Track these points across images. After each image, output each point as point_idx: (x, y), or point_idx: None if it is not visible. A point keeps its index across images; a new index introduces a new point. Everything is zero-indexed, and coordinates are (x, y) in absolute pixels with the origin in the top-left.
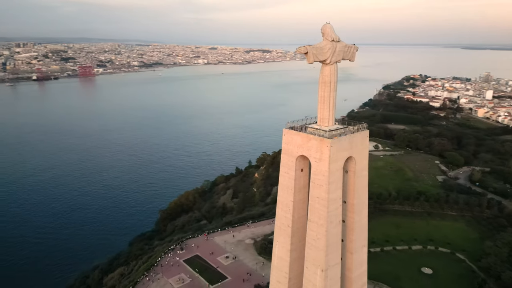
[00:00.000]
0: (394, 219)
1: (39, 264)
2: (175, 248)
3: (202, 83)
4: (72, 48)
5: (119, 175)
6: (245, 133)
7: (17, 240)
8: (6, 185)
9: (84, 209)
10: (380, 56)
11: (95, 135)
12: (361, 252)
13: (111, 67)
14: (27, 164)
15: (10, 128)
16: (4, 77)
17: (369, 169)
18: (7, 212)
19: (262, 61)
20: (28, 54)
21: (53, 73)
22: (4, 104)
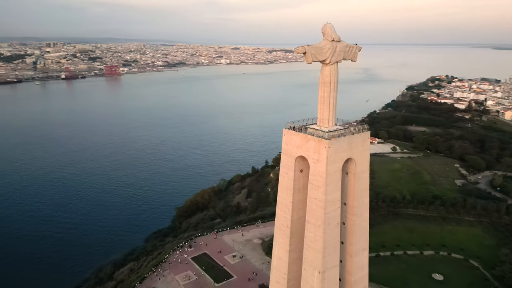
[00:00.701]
0: (407, 223)
1: (59, 258)
2: (183, 245)
3: (223, 83)
4: (100, 48)
5: (139, 172)
6: (264, 133)
7: (40, 234)
8: (30, 180)
9: (103, 206)
10: (406, 56)
11: (118, 133)
12: (361, 256)
13: (136, 67)
14: (51, 160)
15: (37, 124)
16: (35, 75)
17: (385, 171)
18: (31, 207)
19: (284, 61)
20: (57, 54)
21: (80, 72)
22: (32, 101)
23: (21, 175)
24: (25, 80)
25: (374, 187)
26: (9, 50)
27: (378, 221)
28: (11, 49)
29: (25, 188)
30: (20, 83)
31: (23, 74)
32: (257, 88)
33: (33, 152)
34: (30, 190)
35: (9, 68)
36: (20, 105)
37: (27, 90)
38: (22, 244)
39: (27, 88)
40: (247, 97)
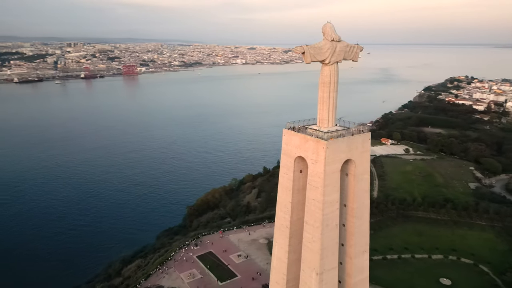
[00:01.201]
0: (417, 226)
1: (73, 254)
2: (190, 243)
3: (238, 83)
4: (118, 48)
5: (152, 171)
6: (278, 133)
7: (54, 231)
8: (47, 177)
9: (117, 204)
10: (427, 57)
11: (133, 131)
12: (361, 258)
13: (153, 66)
14: (68, 158)
15: (56, 122)
16: (55, 74)
17: (397, 173)
18: (47, 203)
19: (300, 61)
20: (78, 54)
21: (99, 72)
22: (51, 100)
23: (39, 171)
24: (45, 79)
25: (384, 189)
26: (31, 50)
27: (387, 223)
28: (33, 48)
29: (42, 185)
30: (41, 82)
31: (44, 73)
32: (272, 88)
33: (52, 150)
34: (46, 187)
35: (31, 67)
36: (40, 104)
37: (47, 89)
38: (37, 240)
39: (47, 87)
40: (261, 97)
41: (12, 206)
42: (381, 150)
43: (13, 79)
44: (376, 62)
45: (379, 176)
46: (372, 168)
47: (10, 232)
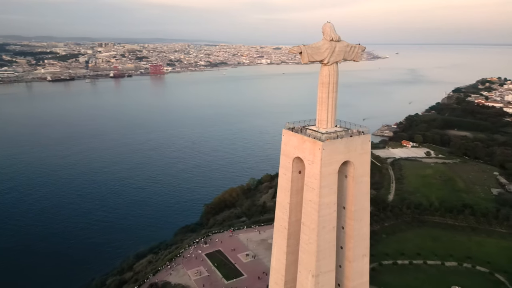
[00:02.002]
0: (432, 232)
1: (93, 249)
2: (199, 241)
3: (262, 83)
4: (147, 48)
5: (173, 169)
6: None
7: (78, 226)
8: (73, 173)
9: (138, 201)
10: (459, 57)
11: (157, 130)
12: (361, 262)
13: (179, 66)
14: (94, 155)
15: (84, 120)
16: (86, 74)
17: (415, 177)
18: (72, 199)
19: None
20: (108, 53)
21: (128, 71)
22: (82, 98)
23: (65, 167)
24: (77, 78)
25: (401, 192)
26: (64, 50)
27: (401, 227)
28: (67, 48)
29: (68, 181)
30: (72, 81)
31: (76, 72)
32: (295, 88)
33: (77, 146)
34: (72, 184)
35: (63, 66)
36: (69, 101)
37: (78, 87)
38: (61, 235)
39: (78, 86)
40: (284, 97)
41: (40, 202)
42: (401, 153)
43: (47, 78)
44: (404, 62)
45: (396, 179)
46: (390, 171)
47: (37, 227)
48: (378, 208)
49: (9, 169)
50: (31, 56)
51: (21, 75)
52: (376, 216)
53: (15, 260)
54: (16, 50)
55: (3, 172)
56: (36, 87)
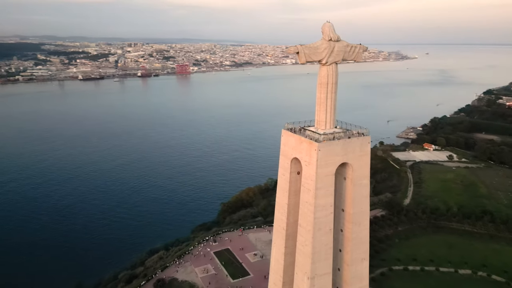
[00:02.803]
0: (448, 238)
1: (113, 244)
2: (209, 239)
3: (286, 83)
4: (174, 48)
5: (193, 167)
6: None
7: (101, 222)
8: (98, 170)
9: (158, 198)
10: (493, 58)
11: (179, 129)
12: (360, 266)
13: (205, 66)
14: (119, 153)
15: (111, 118)
16: (115, 73)
17: (435, 181)
18: (95, 195)
19: (352, 61)
20: (136, 53)
21: (155, 70)
22: (110, 96)
23: (91, 164)
24: (106, 77)
25: (418, 196)
26: (95, 50)
27: (415, 232)
28: (98, 48)
29: (93, 177)
30: (102, 80)
31: (106, 71)
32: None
33: (106, 143)
34: (97, 180)
35: (94, 65)
36: (99, 100)
37: (107, 86)
38: (82, 231)
39: (107, 85)
40: (307, 97)
41: (65, 198)
42: (422, 156)
43: (78, 77)
44: (434, 63)
45: (414, 183)
46: (408, 174)
47: (61, 222)
48: (392, 212)
49: (40, 165)
50: (64, 56)
51: (54, 74)
52: (390, 220)
53: (39, 252)
54: (51, 49)
55: (34, 167)
56: (68, 86)
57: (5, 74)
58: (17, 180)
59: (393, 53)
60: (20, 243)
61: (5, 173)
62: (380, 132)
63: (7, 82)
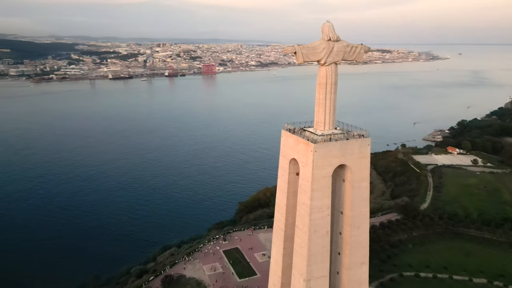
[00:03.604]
0: (466, 245)
1: (131, 240)
2: (219, 238)
3: (310, 83)
4: (201, 48)
5: (215, 166)
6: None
7: (122, 219)
8: (122, 167)
9: (178, 197)
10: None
11: (199, 128)
12: (359, 270)
13: (230, 66)
14: (141, 152)
15: (136, 116)
16: (143, 72)
17: (456, 186)
18: (117, 192)
19: (380, 62)
20: (164, 53)
21: (181, 70)
22: (138, 95)
23: (116, 161)
24: (135, 76)
25: (437, 201)
26: (126, 50)
27: (430, 238)
28: (128, 48)
29: (117, 174)
30: (131, 79)
31: (134, 71)
32: (344, 89)
33: (130, 141)
34: (122, 177)
35: (124, 65)
36: (127, 98)
37: (135, 85)
38: (104, 227)
39: (135, 84)
40: None
41: (90, 195)
42: (445, 160)
43: (108, 76)
44: (467, 64)
45: (434, 187)
46: (428, 178)
47: (84, 218)
48: (408, 216)
49: (70, 161)
50: (96, 55)
51: (86, 73)
52: (404, 224)
53: (64, 244)
54: (84, 49)
55: (65, 164)
56: (98, 84)
57: (40, 73)
58: (46, 176)
59: (424, 54)
60: (47, 235)
61: (36, 168)
62: (406, 134)
63: (42, 81)
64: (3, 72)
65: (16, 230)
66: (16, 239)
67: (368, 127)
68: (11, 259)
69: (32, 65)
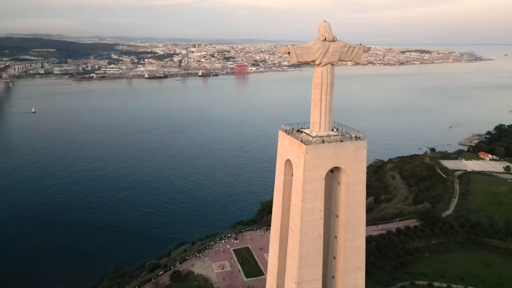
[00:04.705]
0: (487, 256)
1: (155, 236)
2: (231, 236)
3: (341, 84)
4: (235, 48)
5: (239, 165)
6: (372, 138)
7: (152, 217)
8: (148, 167)
9: (202, 194)
10: None
11: (228, 127)
12: (354, 275)
13: (263, 66)
14: (170, 151)
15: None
16: (178, 72)
17: (484, 193)
18: (144, 190)
19: (418, 63)
20: (199, 54)
21: (214, 70)
22: (171, 94)
23: (145, 158)
24: (170, 76)
25: (461, 209)
26: (162, 50)
27: (449, 247)
28: (164, 48)
29: (146, 172)
30: (165, 78)
31: (170, 70)
32: (376, 91)
33: (160, 138)
34: (150, 175)
35: (159, 65)
36: (159, 97)
37: (169, 84)
38: (133, 223)
39: (169, 83)
40: (362, 99)
41: (121, 192)
42: (475, 166)
43: (144, 75)
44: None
45: (460, 194)
46: (455, 185)
47: (110, 213)
48: (427, 223)
49: (104, 158)
50: (134, 55)
51: (124, 72)
52: (422, 232)
53: (89, 239)
54: (123, 49)
55: (100, 160)
56: (135, 83)
57: (82, 72)
58: (82, 172)
59: (466, 54)
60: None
61: (75, 164)
62: (441, 138)
63: (83, 79)
64: (48, 71)
65: (50, 222)
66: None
67: (400, 129)
68: (45, 249)
69: (75, 64)
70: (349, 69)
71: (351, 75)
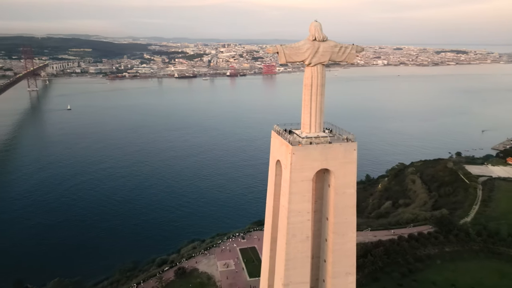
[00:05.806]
0: (504, 266)
1: (170, 232)
2: (238, 235)
3: (372, 85)
4: (263, 48)
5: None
6: (401, 141)
7: (171, 216)
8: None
9: (221, 194)
10: None
11: (250, 126)
12: (344, 280)
13: (291, 67)
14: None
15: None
16: (207, 72)
17: (508, 201)
18: (160, 188)
19: (453, 63)
20: (228, 54)
21: (243, 70)
22: (199, 93)
23: (169, 157)
24: (199, 75)
25: (480, 216)
26: (193, 50)
27: (463, 256)
28: (195, 49)
29: (168, 171)
30: (194, 78)
31: (199, 70)
32: (407, 93)
33: (186, 137)
34: (174, 174)
35: (189, 65)
36: (187, 95)
37: (197, 84)
38: (148, 221)
39: (197, 83)
40: (391, 101)
41: (144, 191)
42: (501, 172)
43: (174, 74)
44: None
45: (482, 201)
46: (478, 191)
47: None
48: (442, 230)
49: (132, 156)
50: (166, 55)
51: (155, 71)
52: (436, 239)
53: (112, 235)
54: (156, 49)
55: (128, 158)
56: (165, 83)
57: (115, 71)
58: (110, 169)
59: (505, 55)
60: (102, 224)
61: (104, 161)
62: (474, 142)
63: (116, 78)
64: (84, 70)
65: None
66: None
67: (431, 133)
68: (72, 241)
69: (109, 64)
70: (380, 70)
71: (381, 76)
